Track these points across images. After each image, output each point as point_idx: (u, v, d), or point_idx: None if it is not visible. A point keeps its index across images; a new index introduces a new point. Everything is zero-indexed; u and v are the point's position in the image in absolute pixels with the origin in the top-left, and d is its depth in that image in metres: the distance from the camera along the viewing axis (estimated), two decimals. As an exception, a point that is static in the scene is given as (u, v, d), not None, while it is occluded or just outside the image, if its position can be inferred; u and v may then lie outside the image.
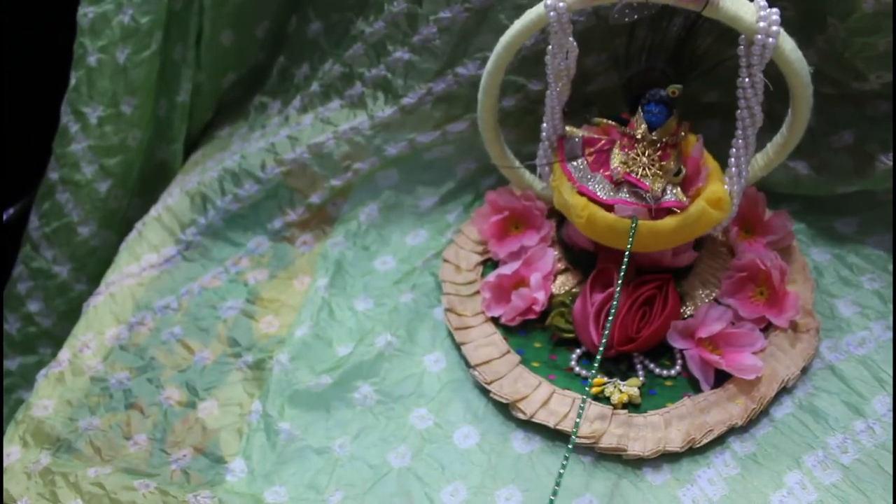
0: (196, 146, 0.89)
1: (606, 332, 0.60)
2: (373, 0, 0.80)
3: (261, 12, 0.86)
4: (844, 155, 0.73)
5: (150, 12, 0.80)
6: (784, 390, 0.64)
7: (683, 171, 0.65)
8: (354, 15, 0.81)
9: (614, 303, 0.61)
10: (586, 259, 0.70)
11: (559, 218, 0.72)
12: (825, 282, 0.72)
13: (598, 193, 0.64)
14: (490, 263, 0.73)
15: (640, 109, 0.64)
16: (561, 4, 0.60)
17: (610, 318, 0.60)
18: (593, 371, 0.59)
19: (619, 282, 0.61)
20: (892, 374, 0.65)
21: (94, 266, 0.86)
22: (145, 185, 0.88)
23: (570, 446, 0.57)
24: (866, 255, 0.73)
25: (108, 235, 0.87)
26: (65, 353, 0.71)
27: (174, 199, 0.80)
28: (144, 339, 0.72)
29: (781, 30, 0.58)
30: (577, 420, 0.58)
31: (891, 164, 0.70)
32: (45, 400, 0.69)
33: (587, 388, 0.59)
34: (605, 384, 0.64)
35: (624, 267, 0.61)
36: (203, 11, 0.83)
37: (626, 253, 0.62)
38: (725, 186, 0.65)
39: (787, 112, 0.65)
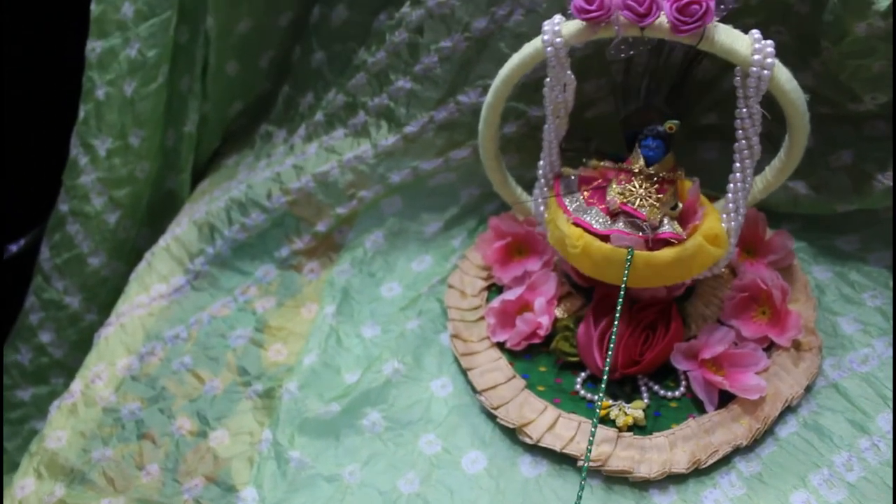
0: (203, 175, 0.91)
1: (609, 355, 0.61)
2: (374, 30, 0.81)
3: (265, 43, 0.87)
4: (843, 174, 0.74)
5: (157, 46, 0.81)
6: (788, 409, 0.65)
7: (680, 206, 0.65)
8: (357, 45, 0.82)
9: (614, 328, 0.61)
10: (589, 284, 0.71)
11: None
12: (827, 300, 0.73)
13: (594, 225, 0.64)
14: (495, 288, 0.74)
15: (637, 145, 0.65)
16: (558, 39, 0.60)
17: (612, 343, 0.61)
18: (600, 395, 0.60)
19: (619, 308, 0.62)
20: (894, 391, 0.65)
21: (104, 296, 0.88)
22: (154, 214, 0.89)
23: (583, 475, 0.57)
24: (867, 273, 0.74)
25: (117, 266, 0.88)
26: (77, 385, 0.72)
27: (182, 229, 0.82)
28: (155, 369, 0.73)
29: (776, 61, 0.59)
30: (589, 448, 0.59)
31: (888, 182, 0.71)
32: (59, 431, 0.70)
33: (596, 412, 0.60)
34: (610, 407, 0.65)
35: (622, 294, 0.62)
36: (208, 43, 0.84)
37: (624, 279, 0.62)
38: (723, 224, 0.66)
39: (785, 134, 0.66)
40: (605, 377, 0.60)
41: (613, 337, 0.61)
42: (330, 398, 0.69)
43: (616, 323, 0.61)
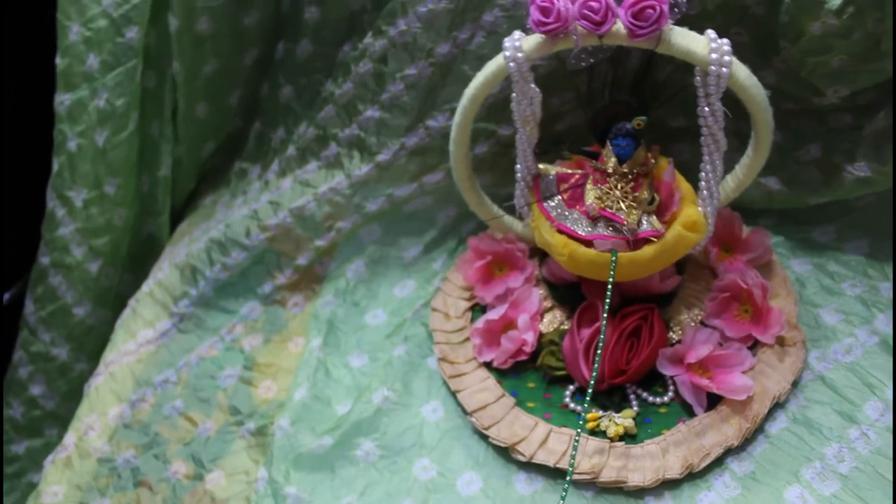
0: (182, 217, 0.91)
1: (596, 366, 0.61)
2: (339, 62, 0.82)
3: (232, 81, 0.88)
4: (812, 168, 0.74)
5: (125, 94, 0.82)
6: (777, 405, 0.65)
7: (657, 199, 0.66)
8: (323, 77, 0.83)
9: (601, 337, 0.62)
10: (572, 295, 0.72)
11: (541, 256, 0.74)
12: (808, 292, 0.73)
13: (577, 230, 0.66)
14: (478, 308, 0.75)
15: (608, 144, 0.66)
16: (520, 55, 0.61)
17: (598, 352, 0.62)
18: (585, 405, 0.60)
19: (605, 315, 0.62)
20: (882, 378, 0.66)
21: (92, 345, 0.88)
22: (135, 260, 0.90)
23: (566, 486, 0.58)
24: (846, 262, 0.75)
25: (103, 313, 0.88)
26: (70, 438, 0.72)
27: (164, 273, 0.82)
28: (147, 415, 0.73)
29: (734, 59, 0.59)
30: (572, 458, 0.59)
31: (858, 173, 0.72)
32: (55, 486, 0.70)
33: (580, 422, 0.61)
34: (600, 418, 0.65)
35: (608, 301, 0.63)
36: (176, 87, 0.85)
37: (609, 286, 0.63)
38: (699, 208, 0.67)
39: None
40: (591, 385, 0.60)
41: (601, 343, 0.62)
42: (322, 431, 0.69)
43: (604, 325, 0.62)
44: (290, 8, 0.84)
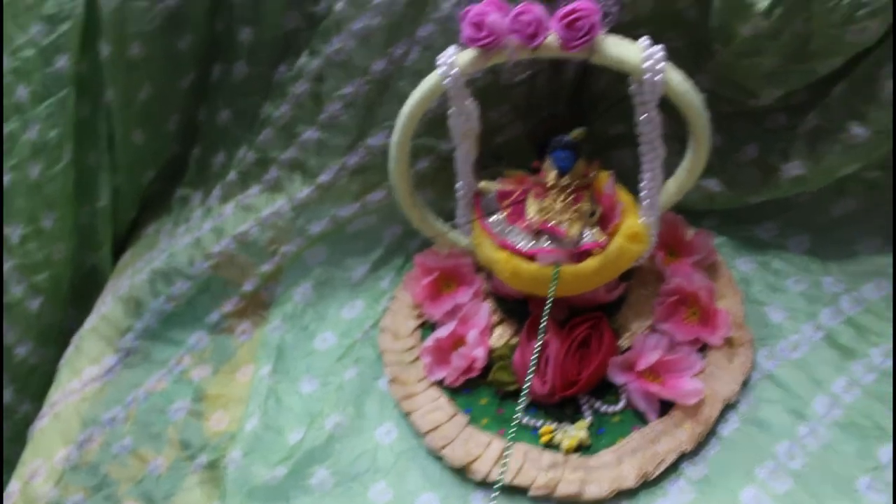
0: (124, 247, 0.89)
1: (530, 379, 0.61)
2: (276, 83, 0.81)
3: (168, 106, 0.86)
4: (751, 168, 0.75)
5: (58, 125, 0.80)
6: (728, 407, 0.66)
7: (598, 210, 0.66)
8: (261, 99, 0.82)
9: (537, 346, 0.62)
10: (521, 307, 0.71)
11: (488, 270, 0.73)
12: (753, 290, 0.74)
13: (519, 245, 0.65)
14: (428, 326, 0.74)
15: (548, 157, 0.66)
16: (454, 70, 0.61)
17: (532, 365, 0.62)
18: (516, 415, 0.60)
19: (542, 329, 0.62)
20: (828, 373, 0.67)
21: (35, 385, 0.85)
22: (78, 294, 0.87)
23: (494, 494, 0.57)
24: (789, 259, 0.76)
25: (46, 351, 0.86)
26: (14, 485, 0.70)
27: (108, 308, 0.80)
28: (95, 455, 0.72)
29: (667, 65, 0.60)
30: (504, 466, 0.59)
31: (794, 172, 0.73)
32: (2, 535, 0.68)
33: (510, 433, 0.61)
34: (553, 431, 0.65)
35: (545, 314, 0.62)
36: (111, 115, 0.83)
37: (549, 300, 0.63)
38: (641, 219, 0.67)
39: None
40: (523, 395, 0.60)
41: (535, 354, 0.62)
42: (275, 462, 0.68)
43: (540, 339, 0.62)
44: (224, 29, 0.82)
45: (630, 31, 0.66)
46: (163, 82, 0.84)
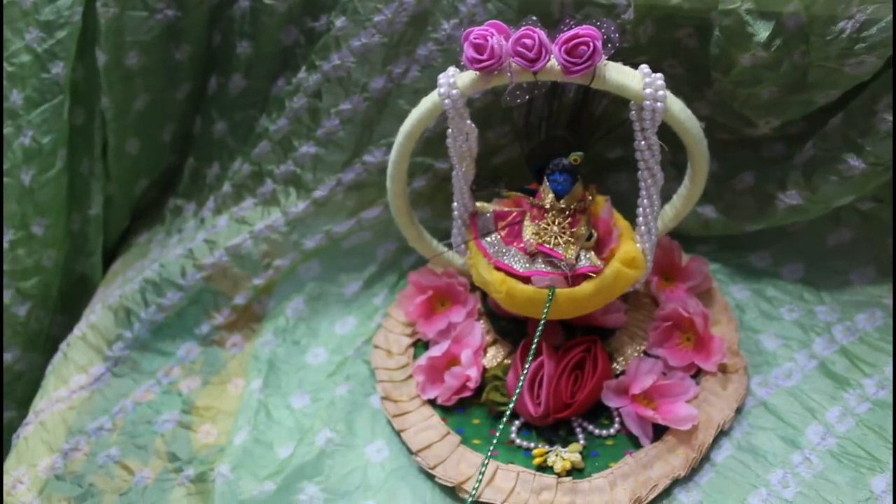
0: (115, 256, 0.88)
1: (515, 397, 0.61)
2: (273, 97, 0.81)
3: (165, 117, 0.86)
4: (747, 196, 0.76)
5: (51, 131, 0.79)
6: (721, 433, 0.66)
7: (595, 234, 0.66)
8: (257, 112, 0.82)
9: (524, 368, 0.62)
10: (514, 327, 0.71)
11: (483, 290, 0.73)
12: (748, 318, 0.74)
13: (515, 266, 0.65)
14: (421, 344, 0.74)
15: (545, 180, 0.65)
16: (454, 91, 0.61)
17: (517, 392, 0.62)
18: (500, 425, 0.60)
19: (532, 351, 0.62)
20: (821, 402, 0.67)
21: (21, 391, 0.84)
22: (66, 301, 0.87)
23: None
24: (783, 287, 0.76)
25: (33, 358, 0.85)
26: (-4, 494, 0.69)
27: (97, 316, 0.79)
28: (81, 465, 0.70)
29: (668, 93, 0.60)
30: (479, 479, 0.59)
31: (790, 201, 0.73)
32: (-18, 545, 0.67)
33: (489, 448, 0.60)
34: (546, 453, 0.65)
35: (537, 335, 0.62)
36: (106, 123, 0.82)
37: (541, 323, 0.62)
38: (637, 244, 0.67)
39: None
40: (510, 406, 0.60)
41: (522, 378, 0.62)
42: (264, 476, 0.67)
43: (529, 359, 0.62)
44: (222, 42, 0.82)
45: (630, 57, 0.66)
46: (159, 92, 0.84)
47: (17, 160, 0.80)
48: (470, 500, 0.58)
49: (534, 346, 0.62)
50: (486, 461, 0.59)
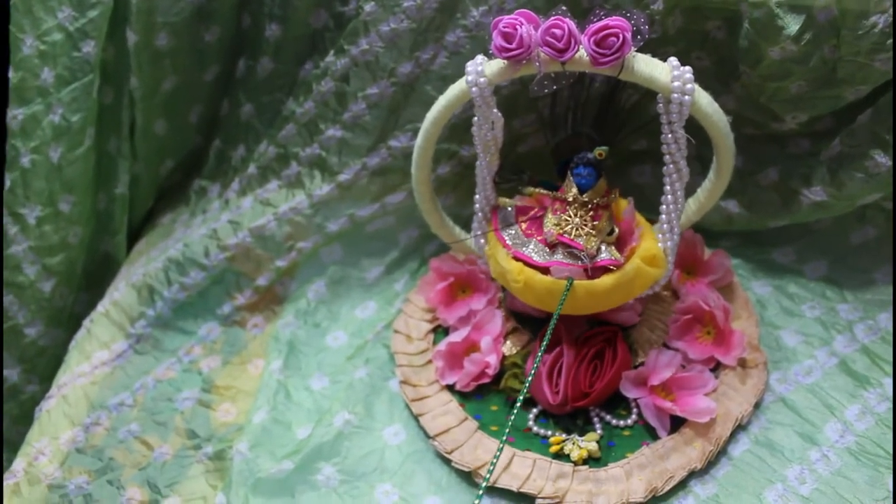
0: (139, 235, 0.89)
1: (527, 387, 0.61)
2: (301, 80, 0.81)
3: (192, 99, 0.86)
4: (771, 192, 0.75)
5: (81, 110, 0.80)
6: (739, 427, 0.66)
7: (616, 230, 0.66)
8: (284, 96, 0.82)
9: (538, 356, 0.62)
10: (534, 318, 0.71)
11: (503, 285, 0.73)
12: (768, 314, 0.74)
13: (534, 257, 0.65)
14: (441, 330, 0.74)
15: (569, 173, 0.65)
16: (482, 79, 0.61)
17: (530, 377, 0.62)
18: (513, 411, 0.59)
19: (545, 344, 0.62)
20: (841, 399, 0.67)
21: (44, 366, 0.86)
22: (90, 279, 0.87)
23: (479, 493, 0.57)
24: (805, 284, 0.76)
25: (56, 334, 0.86)
26: (19, 464, 0.70)
27: (121, 293, 0.80)
28: (101, 439, 0.71)
29: (696, 86, 0.60)
30: (493, 463, 0.59)
31: (814, 198, 0.73)
32: (3, 514, 0.68)
33: (505, 433, 0.59)
34: (563, 442, 0.65)
35: (552, 324, 0.62)
36: (134, 103, 0.83)
37: (556, 313, 0.62)
38: (659, 243, 0.66)
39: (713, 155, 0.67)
40: (522, 393, 0.60)
41: (534, 369, 0.62)
42: (282, 455, 0.67)
43: (544, 346, 0.62)
44: (252, 25, 0.83)
45: (658, 48, 0.66)
46: (187, 74, 0.84)
47: (47, 137, 0.81)
48: (484, 484, 0.58)
49: (548, 336, 0.62)
50: (502, 446, 0.59)
